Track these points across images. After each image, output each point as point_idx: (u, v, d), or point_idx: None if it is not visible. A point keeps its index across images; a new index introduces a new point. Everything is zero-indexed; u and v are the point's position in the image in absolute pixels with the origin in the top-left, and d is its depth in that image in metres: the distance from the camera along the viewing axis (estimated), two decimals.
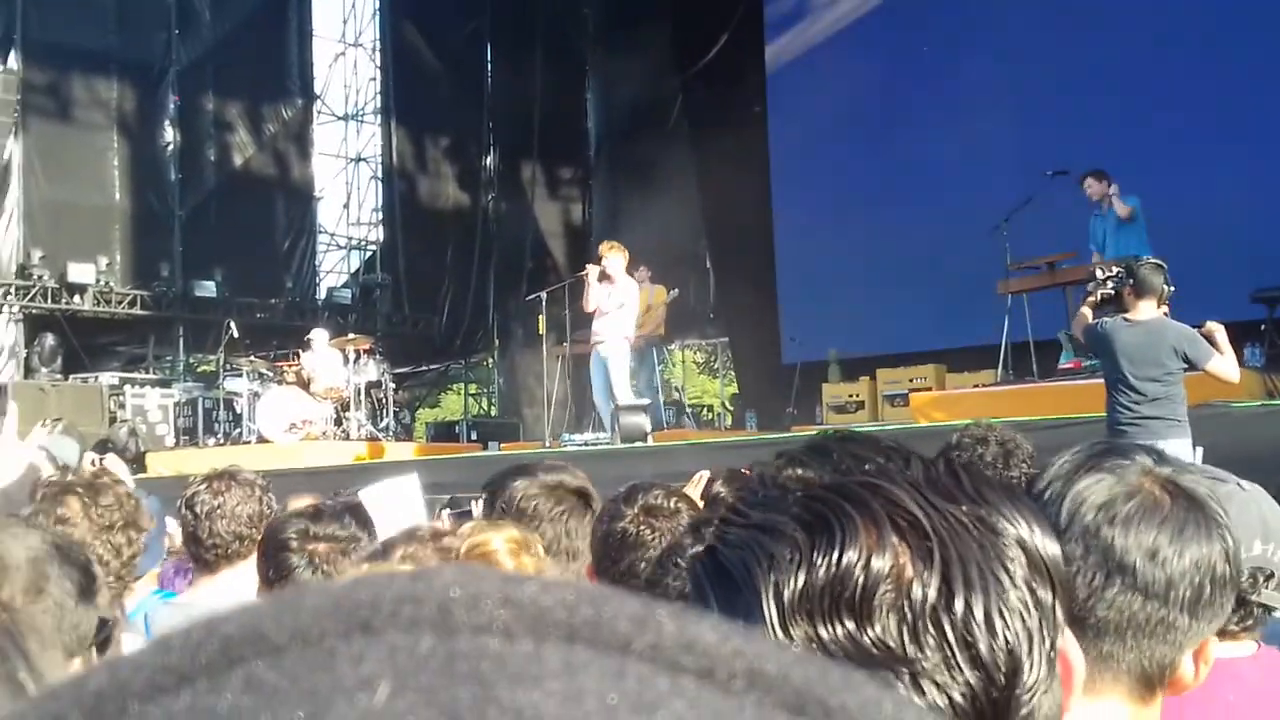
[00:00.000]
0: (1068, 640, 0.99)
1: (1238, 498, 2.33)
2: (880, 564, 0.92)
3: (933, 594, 0.91)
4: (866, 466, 1.01)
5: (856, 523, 0.93)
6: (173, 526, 4.78)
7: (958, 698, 0.91)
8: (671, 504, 2.96)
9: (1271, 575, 2.33)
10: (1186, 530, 1.60)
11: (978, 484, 0.99)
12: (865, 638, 0.91)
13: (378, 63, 24.70)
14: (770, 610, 0.92)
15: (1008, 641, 0.92)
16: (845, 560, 0.92)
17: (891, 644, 0.90)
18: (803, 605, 0.92)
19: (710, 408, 24.89)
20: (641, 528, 2.90)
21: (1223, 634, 2.35)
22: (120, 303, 20.11)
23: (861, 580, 0.91)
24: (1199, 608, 1.61)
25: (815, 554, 0.93)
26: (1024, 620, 0.93)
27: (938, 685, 0.90)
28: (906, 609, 0.91)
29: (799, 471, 1.01)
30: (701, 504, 3.26)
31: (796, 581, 0.92)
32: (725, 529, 1.00)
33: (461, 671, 0.33)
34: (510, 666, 0.34)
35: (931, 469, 1.00)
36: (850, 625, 0.91)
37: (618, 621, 0.36)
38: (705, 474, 4.16)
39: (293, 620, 0.35)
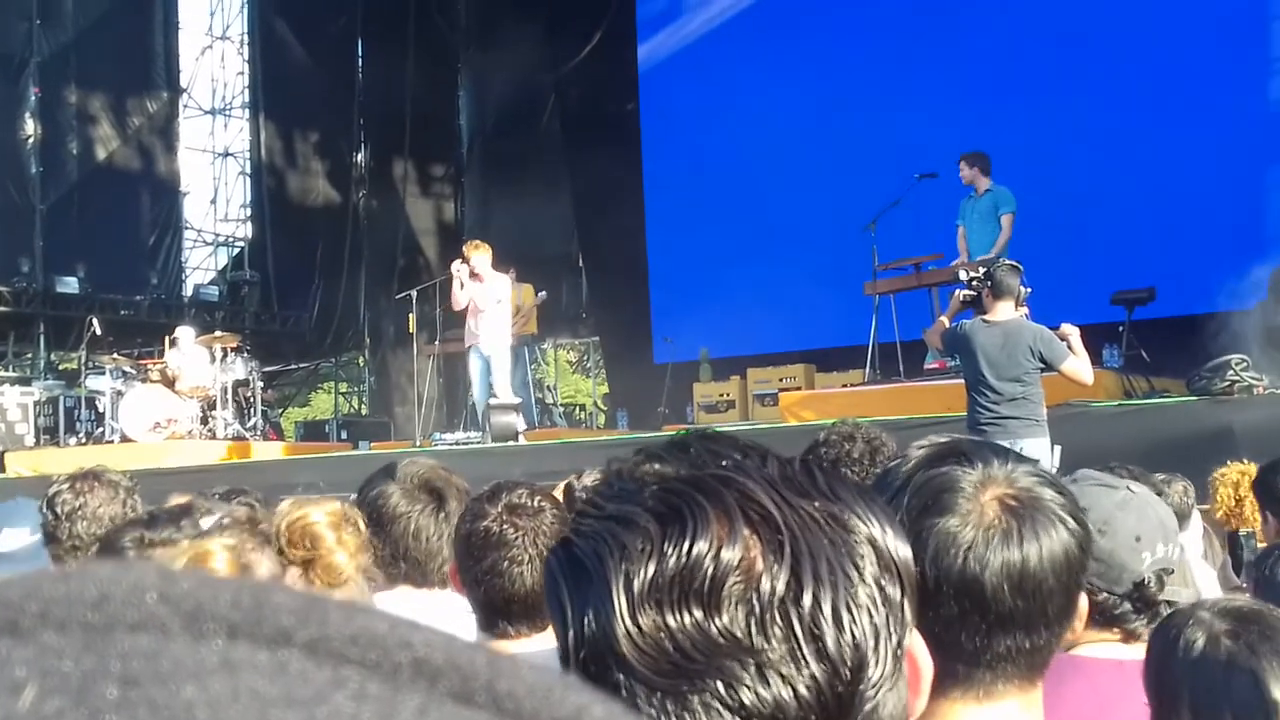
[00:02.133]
0: (916, 642, 1.01)
1: (1133, 503, 2.35)
2: (730, 555, 0.93)
3: (781, 587, 0.92)
4: (723, 461, 1.01)
5: (709, 514, 0.94)
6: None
7: (803, 690, 0.92)
8: (535, 503, 2.96)
9: (1170, 573, 2.38)
10: (1043, 546, 1.58)
11: (832, 482, 1.00)
12: (713, 627, 0.92)
13: (246, 56, 24.32)
14: (619, 599, 0.93)
15: (854, 636, 0.93)
16: (696, 550, 0.93)
17: (739, 633, 0.91)
18: (652, 595, 0.93)
19: (582, 407, 24.90)
20: (505, 527, 2.89)
21: (1132, 636, 2.40)
22: None
23: (711, 570, 0.92)
24: (1069, 606, 1.62)
25: (666, 544, 0.94)
26: (871, 616, 0.95)
27: (783, 677, 0.91)
28: (755, 601, 0.92)
29: (656, 467, 1.01)
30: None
31: (647, 571, 0.93)
32: (580, 521, 1.01)
33: (113, 671, 0.32)
34: (164, 664, 0.33)
35: (787, 467, 1.01)
36: (698, 614, 0.92)
37: (280, 615, 0.35)
38: (573, 479, 4.19)
39: None
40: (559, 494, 3.65)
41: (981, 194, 12.80)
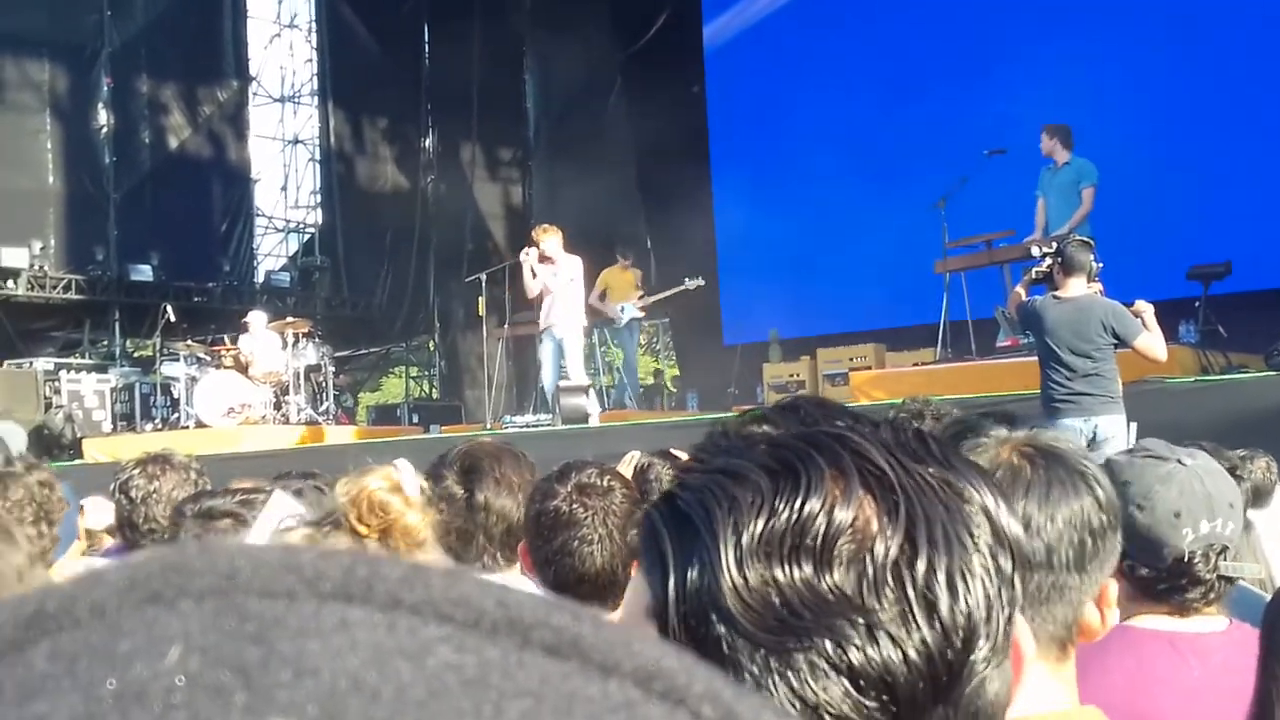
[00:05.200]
0: (1020, 627, 0.99)
1: (1178, 477, 2.34)
2: (844, 515, 0.91)
3: (894, 549, 0.91)
4: (837, 423, 1.00)
5: (824, 471, 0.93)
6: (103, 508, 4.71)
7: (913, 654, 0.90)
8: (605, 482, 2.96)
9: (1224, 549, 2.36)
10: (1053, 491, 1.63)
11: (946, 451, 0.99)
12: (823, 583, 0.90)
13: (314, 44, 24.51)
14: (727, 552, 0.92)
15: (968, 605, 0.92)
16: (809, 508, 0.92)
17: (849, 591, 0.90)
18: (761, 549, 0.91)
19: (653, 388, 24.88)
20: (574, 506, 2.90)
21: (1186, 610, 2.40)
22: (55, 287, 19.86)
23: (824, 528, 0.91)
24: (1085, 562, 1.64)
25: (778, 499, 0.92)
26: (985, 586, 0.93)
27: (893, 639, 0.90)
28: (868, 561, 0.91)
29: (764, 428, 1.00)
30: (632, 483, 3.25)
31: (756, 525, 0.92)
32: (686, 476, 1.00)
33: (247, 631, 0.37)
34: (290, 624, 0.38)
35: (901, 433, 1.00)
36: (808, 569, 0.90)
37: (390, 582, 0.39)
38: (636, 454, 4.16)
39: (91, 596, 0.38)
40: (625, 469, 3.63)
41: (1060, 166, 12.59)
